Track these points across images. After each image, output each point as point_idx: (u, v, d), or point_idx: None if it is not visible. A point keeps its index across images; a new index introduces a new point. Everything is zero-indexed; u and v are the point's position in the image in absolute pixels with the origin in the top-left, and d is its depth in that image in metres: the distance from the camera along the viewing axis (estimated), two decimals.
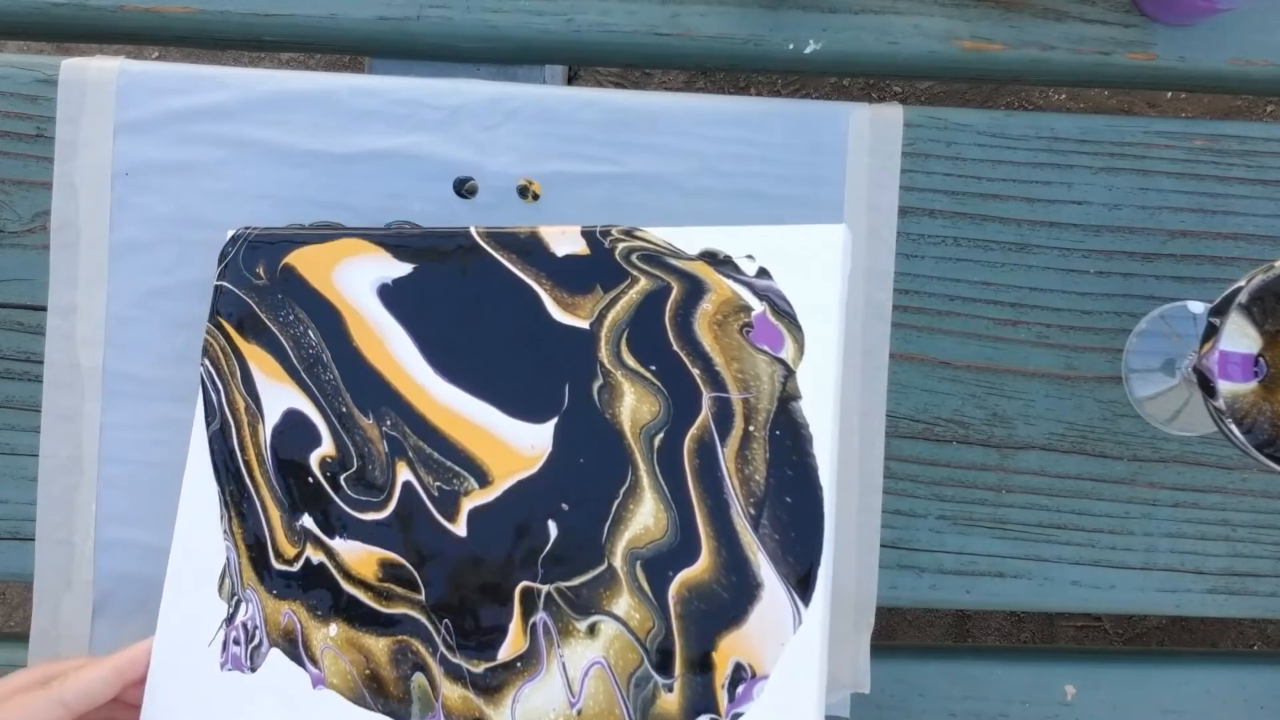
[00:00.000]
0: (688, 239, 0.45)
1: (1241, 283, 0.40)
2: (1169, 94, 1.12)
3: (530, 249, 0.47)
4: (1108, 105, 1.13)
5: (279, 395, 0.47)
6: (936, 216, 0.49)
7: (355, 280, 0.48)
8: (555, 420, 0.44)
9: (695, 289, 0.44)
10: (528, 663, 0.43)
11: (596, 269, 0.45)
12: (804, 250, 0.43)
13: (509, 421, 0.45)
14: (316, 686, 0.45)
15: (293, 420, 0.47)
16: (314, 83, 0.49)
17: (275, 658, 0.46)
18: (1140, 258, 0.49)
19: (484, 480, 0.45)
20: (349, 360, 0.47)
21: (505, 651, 0.43)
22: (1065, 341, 0.49)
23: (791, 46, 0.50)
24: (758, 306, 0.43)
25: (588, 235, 0.46)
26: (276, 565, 0.46)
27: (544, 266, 0.46)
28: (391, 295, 0.48)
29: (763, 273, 0.43)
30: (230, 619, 0.46)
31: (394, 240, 0.48)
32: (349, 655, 0.45)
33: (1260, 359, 0.40)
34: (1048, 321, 0.49)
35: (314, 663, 0.45)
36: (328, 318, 0.48)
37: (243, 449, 0.47)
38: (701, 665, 0.41)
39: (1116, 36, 0.50)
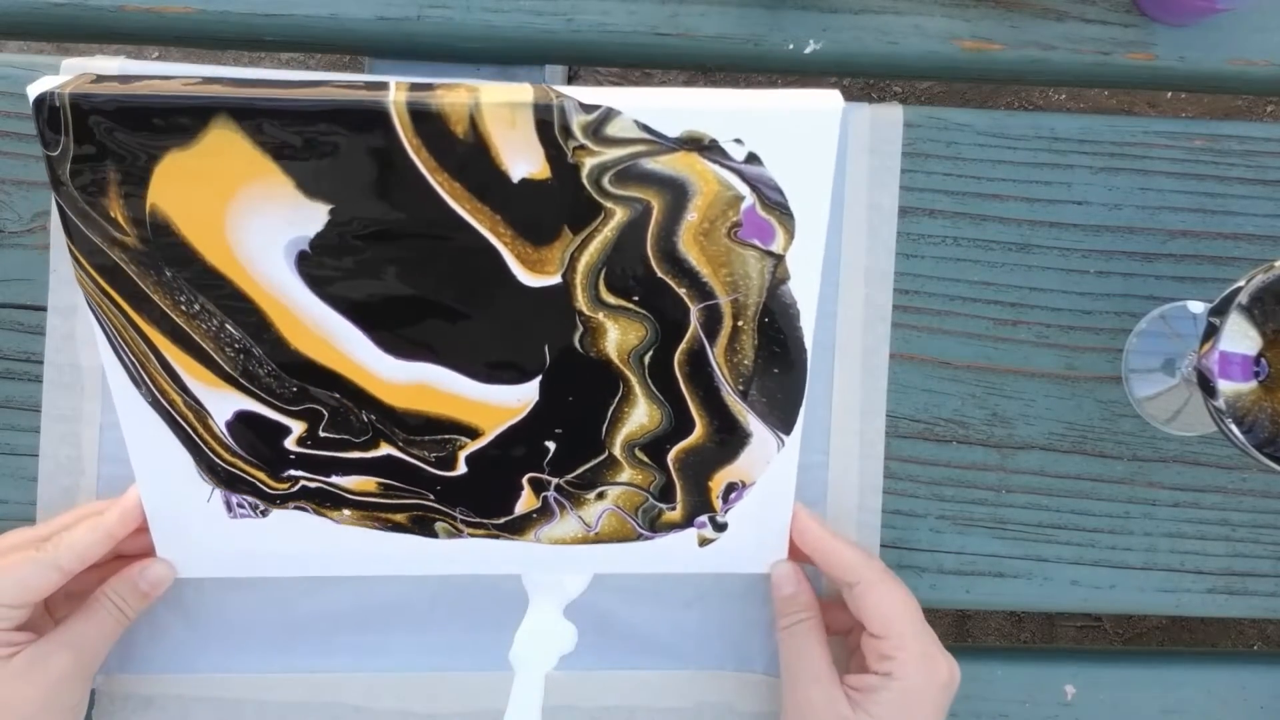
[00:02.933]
0: (668, 117, 0.39)
1: (1241, 283, 0.40)
2: (1169, 94, 1.12)
3: (477, 165, 0.39)
4: (1108, 105, 1.13)
5: (221, 400, 0.43)
6: (936, 216, 0.49)
7: (262, 247, 0.40)
8: (539, 379, 0.43)
9: (678, 198, 0.40)
10: (543, 514, 0.46)
11: (562, 204, 0.40)
12: (797, 130, 0.40)
13: (486, 388, 0.43)
14: (340, 525, 0.46)
15: (248, 419, 0.44)
16: None
17: (289, 512, 0.46)
18: (1140, 258, 0.49)
19: (474, 434, 0.44)
20: (287, 357, 0.42)
21: (520, 508, 0.46)
22: (1065, 341, 0.49)
23: (791, 46, 0.50)
24: (747, 196, 0.40)
25: (545, 137, 0.38)
26: (268, 490, 0.45)
27: (499, 202, 0.40)
28: (314, 269, 0.41)
29: (752, 158, 0.40)
30: (226, 489, 0.45)
31: (293, 157, 0.38)
32: (367, 523, 0.46)
33: (1261, 359, 0.40)
34: (1048, 321, 0.49)
35: (333, 520, 0.46)
36: (244, 312, 0.41)
37: (199, 436, 0.44)
38: (699, 491, 0.46)
39: (1116, 36, 0.50)
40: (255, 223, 0.40)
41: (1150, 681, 0.51)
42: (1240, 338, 0.40)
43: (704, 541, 0.46)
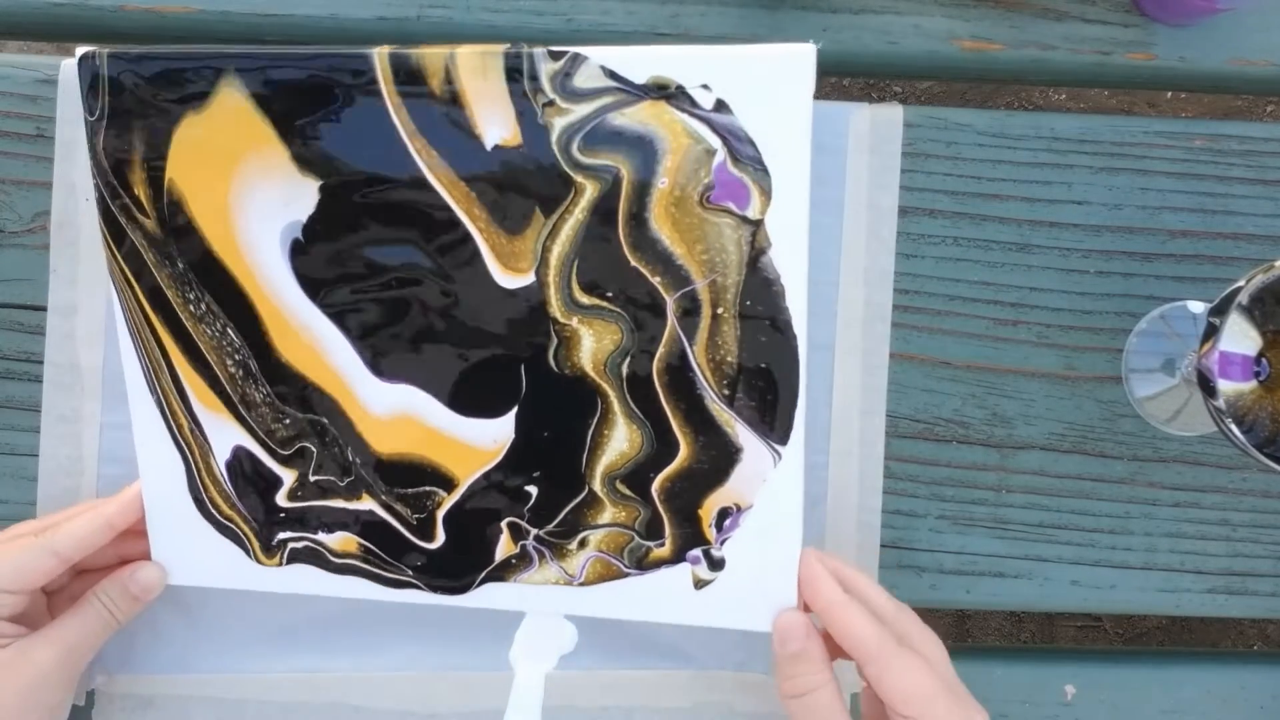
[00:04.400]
0: (634, 63, 0.39)
1: (1241, 283, 0.40)
2: (1169, 94, 1.12)
3: (452, 127, 0.40)
4: (1108, 105, 1.13)
5: (221, 429, 0.45)
6: (936, 216, 0.49)
7: (259, 234, 0.42)
8: (515, 410, 0.43)
9: (648, 159, 0.39)
10: (522, 559, 0.45)
11: (533, 177, 0.40)
12: (766, 77, 0.38)
13: (465, 422, 0.43)
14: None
15: (244, 457, 0.45)
16: None
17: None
18: (1140, 258, 0.49)
19: (450, 485, 0.44)
20: (280, 374, 0.43)
21: (500, 553, 0.45)
22: (1065, 341, 0.49)
23: None
24: (718, 149, 0.39)
25: (515, 92, 0.39)
26: (257, 560, 0.46)
27: (473, 174, 0.40)
28: (306, 261, 0.42)
29: (721, 106, 0.39)
30: (218, 532, 0.46)
31: (288, 120, 0.41)
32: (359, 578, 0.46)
33: (1262, 359, 0.40)
34: (1048, 321, 0.49)
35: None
36: (241, 310, 0.43)
37: (200, 476, 0.45)
38: (689, 522, 0.43)
39: (1116, 36, 0.50)
40: (255, 203, 0.42)
41: (1150, 681, 0.51)
42: (1240, 338, 0.40)
43: (700, 583, 0.44)
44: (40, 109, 0.48)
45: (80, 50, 0.42)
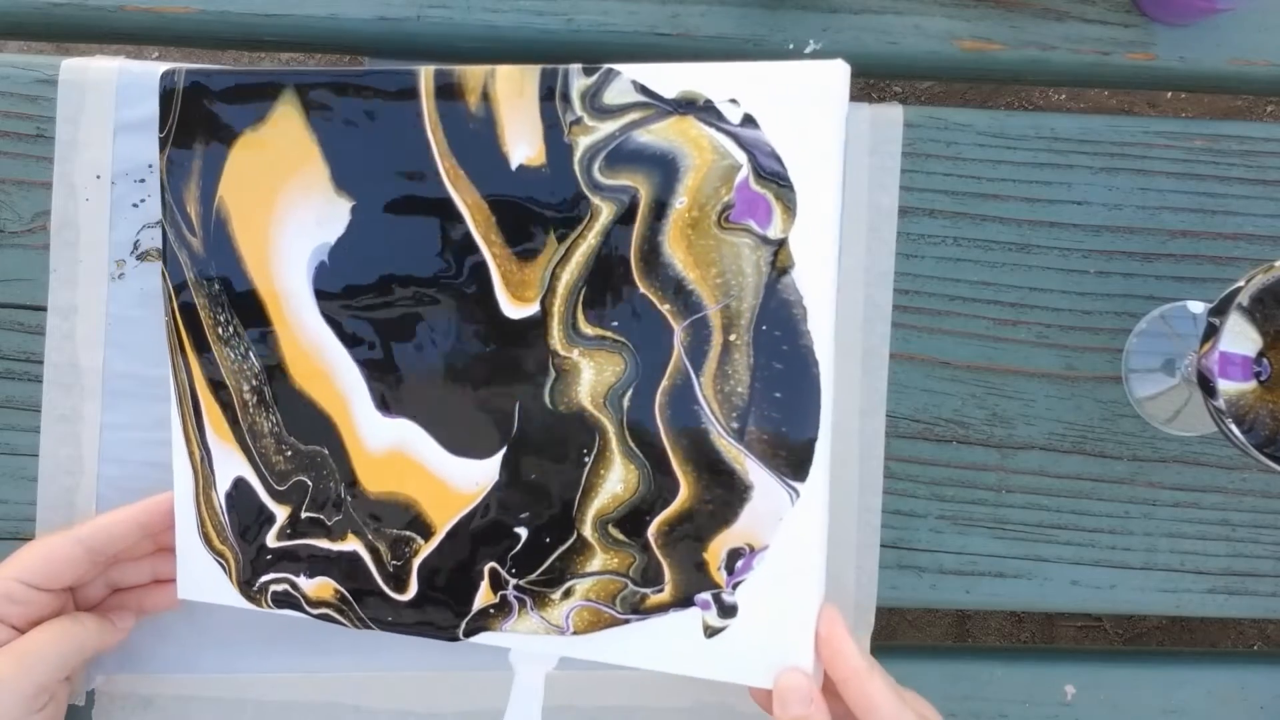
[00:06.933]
0: (666, 78, 0.38)
1: (1241, 283, 0.40)
2: (1169, 94, 1.12)
3: (482, 145, 0.40)
4: (1108, 105, 1.13)
5: (227, 459, 0.45)
6: (936, 216, 0.49)
7: (291, 255, 0.43)
8: (503, 452, 0.42)
9: (668, 179, 0.38)
10: (500, 609, 0.42)
11: (552, 196, 0.39)
12: (797, 93, 0.37)
13: (450, 460, 0.42)
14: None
15: (243, 491, 0.45)
16: None
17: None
18: (1140, 258, 0.49)
19: (427, 533, 0.43)
20: (290, 400, 0.44)
21: (479, 602, 0.43)
22: (1065, 341, 0.49)
23: (791, 46, 0.50)
24: (743, 165, 0.37)
25: (546, 110, 0.39)
26: (240, 601, 0.46)
27: (496, 194, 0.40)
28: (327, 283, 0.43)
29: (748, 120, 0.37)
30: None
31: (333, 135, 0.42)
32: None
33: (1262, 359, 0.40)
34: (1048, 321, 0.49)
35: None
36: (264, 335, 0.44)
37: (201, 515, 0.46)
38: (693, 566, 0.40)
39: (1116, 36, 0.50)
40: (292, 223, 0.43)
41: (1150, 681, 0.51)
42: (1240, 338, 0.40)
43: (711, 631, 0.39)
44: (40, 109, 0.48)
45: (163, 67, 0.45)
